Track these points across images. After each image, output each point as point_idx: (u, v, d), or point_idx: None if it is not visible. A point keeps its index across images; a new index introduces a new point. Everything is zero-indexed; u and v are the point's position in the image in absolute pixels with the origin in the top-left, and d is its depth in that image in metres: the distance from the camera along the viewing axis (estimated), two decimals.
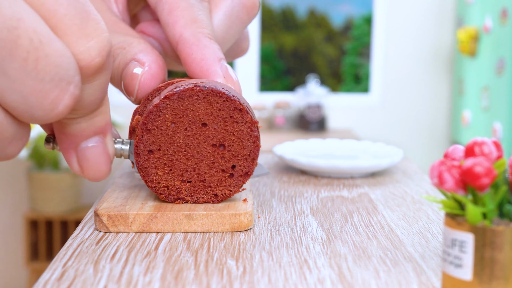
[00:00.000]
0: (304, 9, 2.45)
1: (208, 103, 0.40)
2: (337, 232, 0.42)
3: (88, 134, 0.32)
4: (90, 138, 0.32)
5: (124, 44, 0.44)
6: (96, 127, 0.32)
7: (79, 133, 0.31)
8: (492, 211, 0.29)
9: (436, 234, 0.42)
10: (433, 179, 0.30)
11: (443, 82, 2.43)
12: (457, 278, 0.30)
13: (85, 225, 0.43)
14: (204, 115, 0.41)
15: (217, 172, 0.42)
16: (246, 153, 0.42)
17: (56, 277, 0.33)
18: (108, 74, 0.30)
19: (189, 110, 0.41)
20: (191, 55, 0.43)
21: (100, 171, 0.34)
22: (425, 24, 2.40)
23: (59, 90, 0.26)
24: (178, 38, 0.44)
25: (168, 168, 0.42)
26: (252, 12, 0.49)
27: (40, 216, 2.09)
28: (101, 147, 0.33)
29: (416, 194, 0.54)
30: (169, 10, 0.44)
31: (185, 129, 0.41)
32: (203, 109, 0.41)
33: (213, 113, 0.41)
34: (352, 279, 0.33)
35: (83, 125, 0.31)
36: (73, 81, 0.27)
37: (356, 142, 0.73)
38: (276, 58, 2.48)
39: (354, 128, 2.43)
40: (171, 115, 0.41)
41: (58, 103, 0.27)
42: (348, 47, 2.47)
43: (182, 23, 0.44)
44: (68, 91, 0.27)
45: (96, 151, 0.32)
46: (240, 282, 0.32)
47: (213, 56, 0.43)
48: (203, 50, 0.43)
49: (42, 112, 0.27)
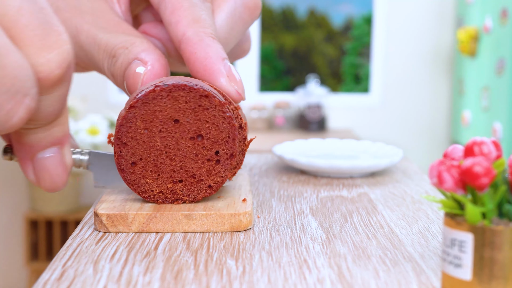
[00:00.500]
0: (304, 9, 2.45)
1: (174, 99, 0.40)
2: (337, 232, 0.42)
3: (45, 144, 0.32)
4: (47, 148, 0.32)
5: (126, 43, 0.44)
6: (54, 137, 0.31)
7: (36, 143, 0.31)
8: (492, 211, 0.29)
9: (436, 234, 0.42)
10: (433, 179, 0.30)
11: (443, 82, 2.43)
12: (457, 278, 0.30)
13: (85, 225, 0.43)
14: (174, 112, 0.41)
15: (203, 163, 0.42)
16: (225, 136, 0.41)
17: (56, 277, 0.33)
18: (67, 86, 0.29)
19: (158, 112, 0.40)
20: (194, 54, 0.43)
21: (56, 182, 0.33)
22: (425, 24, 2.40)
23: (14, 102, 0.26)
24: (181, 37, 0.44)
25: (156, 174, 0.42)
26: (254, 13, 0.49)
27: (40, 216, 2.09)
28: (58, 157, 0.32)
29: (416, 194, 0.54)
30: (171, 10, 0.44)
31: (159, 132, 0.41)
32: (171, 106, 0.40)
33: (181, 107, 0.40)
34: (352, 279, 0.33)
35: (41, 136, 0.31)
36: (29, 94, 0.26)
37: (356, 142, 0.73)
38: (276, 58, 2.48)
39: (354, 128, 2.43)
40: (142, 122, 0.40)
41: (13, 115, 0.26)
42: (348, 47, 2.47)
43: (185, 23, 0.44)
44: (23, 104, 0.26)
45: (52, 161, 0.32)
46: (239, 282, 0.32)
47: (217, 55, 0.43)
48: (206, 49, 0.43)
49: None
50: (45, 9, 0.27)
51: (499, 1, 1.93)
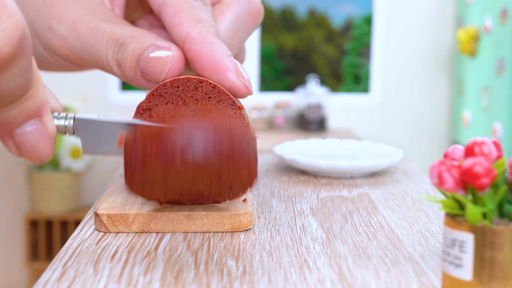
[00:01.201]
0: (304, 9, 2.45)
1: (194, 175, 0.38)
2: (337, 232, 0.42)
3: (21, 120, 0.31)
4: (24, 123, 0.31)
5: (134, 33, 0.45)
6: (28, 111, 0.30)
7: (11, 121, 0.30)
8: (492, 211, 0.29)
9: (436, 234, 0.42)
10: (433, 179, 0.30)
11: (443, 82, 2.43)
12: (457, 278, 0.30)
13: (85, 225, 0.43)
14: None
15: (215, 188, 0.41)
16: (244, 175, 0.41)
17: (56, 277, 0.33)
18: (26, 58, 0.28)
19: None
20: (200, 52, 0.43)
21: (41, 153, 0.32)
22: (425, 24, 2.40)
23: None
24: (184, 37, 0.44)
25: (165, 188, 0.41)
26: (257, 19, 0.50)
27: (40, 216, 2.09)
28: (38, 129, 0.32)
29: (416, 194, 0.54)
30: (173, 13, 0.45)
31: None
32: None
33: None
34: (352, 279, 0.33)
35: (13, 112, 0.30)
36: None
37: (356, 142, 0.73)
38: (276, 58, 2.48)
39: (354, 128, 2.43)
40: None
41: None
42: (348, 47, 2.47)
43: (187, 23, 0.44)
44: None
45: (33, 135, 0.31)
46: (240, 282, 0.32)
47: (222, 51, 0.43)
48: (211, 46, 0.43)
49: None
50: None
51: (499, 1, 1.93)
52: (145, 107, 0.42)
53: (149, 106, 0.42)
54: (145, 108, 0.42)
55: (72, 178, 2.11)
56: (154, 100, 0.42)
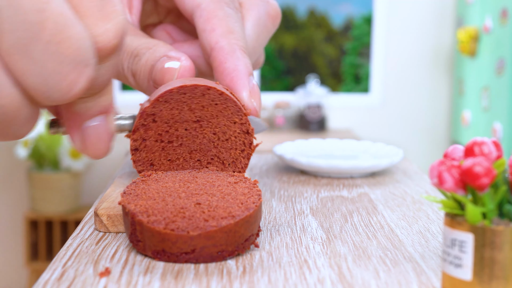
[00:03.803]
0: (304, 9, 2.45)
1: None
2: (337, 232, 0.42)
3: (93, 113, 0.32)
4: (95, 117, 0.33)
5: (149, 44, 0.46)
6: (101, 106, 0.32)
7: (85, 112, 0.32)
8: (492, 211, 0.29)
9: (436, 234, 0.42)
10: (433, 179, 0.30)
11: (443, 82, 2.43)
12: (457, 278, 0.30)
13: (85, 225, 0.43)
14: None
15: None
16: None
17: (56, 277, 0.33)
18: (119, 56, 0.31)
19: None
20: (224, 64, 0.45)
21: (102, 149, 0.34)
22: (425, 24, 2.40)
23: (77, 73, 0.27)
24: (214, 44, 0.45)
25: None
26: (276, 21, 0.52)
27: (40, 216, 2.09)
28: (103, 125, 0.33)
29: (416, 194, 0.54)
30: (207, 18, 0.46)
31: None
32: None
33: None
34: (352, 279, 0.33)
35: (89, 104, 0.32)
36: (90, 64, 0.27)
37: (356, 142, 0.73)
38: (276, 58, 2.48)
39: (354, 128, 2.43)
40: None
41: (75, 85, 0.27)
42: (348, 47, 2.47)
43: (219, 32, 0.46)
44: (84, 73, 0.27)
45: (99, 129, 0.33)
46: (240, 282, 0.32)
47: (245, 69, 0.45)
48: (236, 61, 0.45)
49: (59, 94, 0.27)
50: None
51: (499, 1, 1.93)
52: (149, 112, 0.42)
53: (154, 112, 0.42)
54: (149, 113, 0.42)
55: (72, 178, 2.11)
56: (159, 106, 0.42)
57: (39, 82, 0.26)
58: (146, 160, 0.43)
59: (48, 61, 0.26)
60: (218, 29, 0.46)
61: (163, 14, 0.54)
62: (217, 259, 0.35)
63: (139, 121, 0.42)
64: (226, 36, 0.45)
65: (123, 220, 0.39)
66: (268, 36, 0.51)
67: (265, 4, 0.50)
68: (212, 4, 0.47)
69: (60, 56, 0.26)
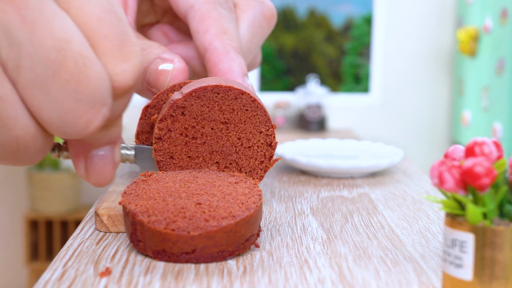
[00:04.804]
0: (304, 9, 2.45)
1: None
2: (337, 232, 0.42)
3: (101, 143, 0.32)
4: (101, 147, 0.33)
5: (143, 46, 0.46)
6: (110, 137, 0.32)
7: (94, 142, 0.32)
8: (493, 211, 0.29)
9: (436, 234, 0.42)
10: (433, 179, 0.30)
11: (443, 82, 2.43)
12: (458, 278, 0.30)
13: (85, 225, 0.43)
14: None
15: None
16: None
17: (56, 277, 0.33)
18: (133, 93, 0.31)
19: None
20: (219, 65, 0.45)
21: (105, 177, 0.34)
22: (425, 24, 2.40)
23: (94, 112, 0.27)
24: (207, 46, 0.46)
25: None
26: (271, 21, 0.52)
27: (40, 216, 2.08)
28: (110, 155, 0.33)
29: (416, 194, 0.54)
30: (200, 18, 0.46)
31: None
32: None
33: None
34: (353, 279, 0.33)
35: (99, 136, 0.32)
36: (107, 103, 0.27)
37: (356, 142, 0.73)
38: (276, 58, 2.48)
39: (354, 128, 2.43)
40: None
41: (91, 124, 0.27)
42: (348, 47, 2.47)
43: (213, 32, 0.46)
44: (101, 113, 0.27)
45: (105, 159, 0.33)
46: (240, 282, 0.32)
47: (240, 70, 0.45)
48: (230, 62, 0.45)
49: (74, 130, 0.27)
50: (122, 20, 0.28)
51: (499, 1, 1.93)
52: (180, 104, 0.42)
53: (184, 105, 0.42)
54: (179, 105, 0.42)
55: (72, 178, 2.11)
56: (191, 100, 0.42)
57: (55, 118, 0.26)
58: (167, 152, 0.43)
59: (66, 99, 0.26)
60: (211, 30, 0.45)
61: (160, 14, 0.54)
62: (217, 259, 0.35)
63: (168, 111, 0.42)
64: (220, 37, 0.45)
65: (123, 220, 0.39)
66: (263, 36, 0.51)
67: (260, 5, 0.50)
68: (206, 4, 0.46)
69: (78, 95, 0.26)
